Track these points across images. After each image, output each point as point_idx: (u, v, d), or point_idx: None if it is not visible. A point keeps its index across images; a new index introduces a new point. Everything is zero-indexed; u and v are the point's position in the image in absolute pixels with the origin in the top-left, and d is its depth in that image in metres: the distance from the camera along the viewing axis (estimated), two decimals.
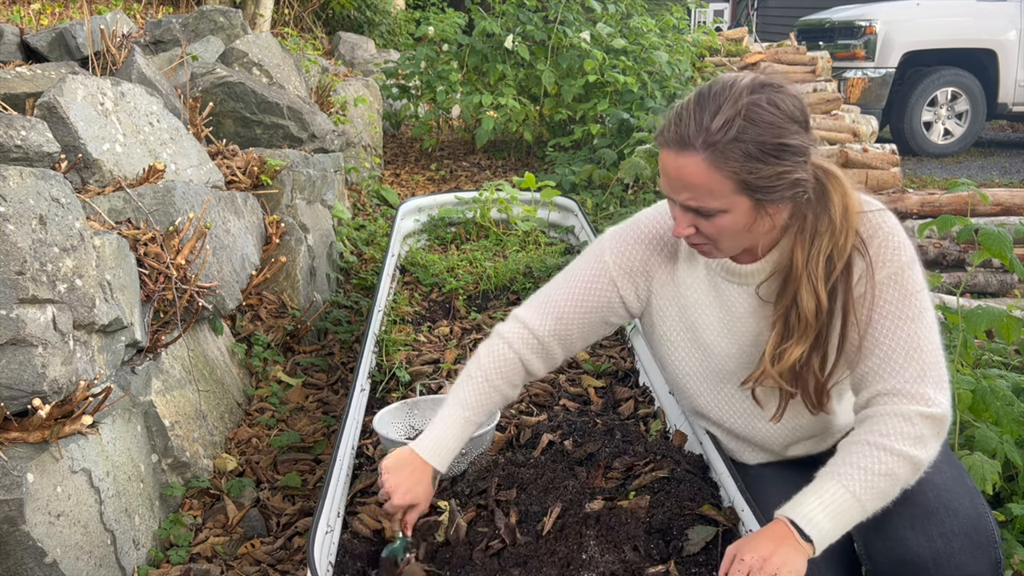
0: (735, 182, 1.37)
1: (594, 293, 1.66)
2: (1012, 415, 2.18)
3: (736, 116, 1.35)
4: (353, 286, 3.99)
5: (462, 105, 6.10)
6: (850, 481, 1.37)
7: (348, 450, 2.04)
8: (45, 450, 1.80)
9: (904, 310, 1.44)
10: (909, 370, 1.42)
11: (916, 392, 1.41)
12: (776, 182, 1.38)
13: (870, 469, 1.37)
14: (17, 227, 1.80)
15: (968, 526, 1.45)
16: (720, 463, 1.81)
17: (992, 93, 7.96)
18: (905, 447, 1.38)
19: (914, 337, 1.43)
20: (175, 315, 2.45)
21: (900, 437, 1.38)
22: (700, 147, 1.36)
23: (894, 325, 1.44)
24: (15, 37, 3.75)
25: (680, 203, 1.43)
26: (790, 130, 1.37)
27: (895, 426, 1.39)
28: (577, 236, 3.76)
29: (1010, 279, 4.32)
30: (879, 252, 1.45)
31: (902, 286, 1.44)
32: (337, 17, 9.08)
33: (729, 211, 1.40)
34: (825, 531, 1.35)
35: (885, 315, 1.45)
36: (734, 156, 1.35)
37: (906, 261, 1.46)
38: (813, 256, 1.44)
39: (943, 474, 1.52)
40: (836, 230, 1.43)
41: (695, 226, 1.45)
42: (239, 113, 3.99)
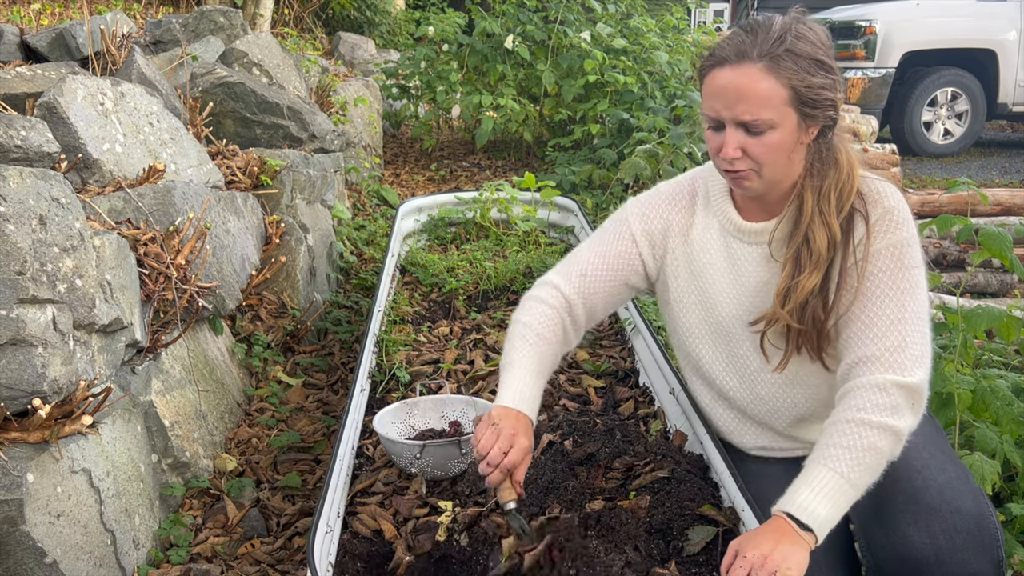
0: (788, 91, 1.45)
1: (616, 250, 1.73)
2: (1012, 415, 2.18)
3: (787, 32, 1.46)
4: (353, 286, 3.99)
5: (462, 105, 6.10)
6: (836, 463, 1.38)
7: (348, 450, 2.04)
8: (45, 450, 1.80)
9: (896, 282, 1.48)
10: (890, 339, 1.45)
11: (892, 360, 1.44)
12: (821, 96, 1.46)
13: (853, 446, 1.39)
14: (17, 227, 1.80)
15: (971, 524, 1.45)
16: (720, 463, 1.81)
17: (992, 93, 7.96)
18: (882, 418, 1.40)
19: (901, 309, 1.47)
20: (175, 315, 2.45)
21: (876, 409, 1.41)
22: (757, 56, 1.44)
23: (883, 295, 1.48)
24: (15, 37, 3.75)
25: (733, 119, 1.47)
26: (825, 51, 1.48)
27: (870, 398, 1.42)
28: (577, 236, 3.76)
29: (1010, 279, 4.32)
30: (880, 221, 1.51)
31: (899, 259, 1.49)
32: (337, 17, 9.08)
33: (778, 126, 1.46)
34: (822, 518, 1.35)
35: (877, 284, 1.49)
36: (788, 65, 1.44)
37: (906, 237, 1.51)
38: (824, 193, 1.51)
39: (946, 472, 1.52)
40: (843, 172, 1.52)
41: (743, 148, 1.49)
42: (239, 113, 3.99)
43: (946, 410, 2.26)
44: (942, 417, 2.28)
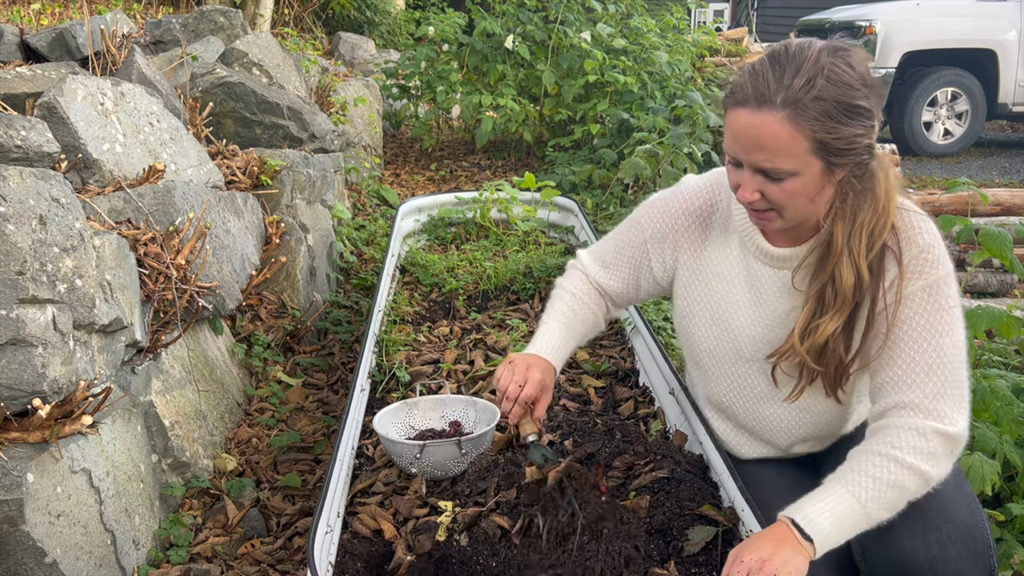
0: (812, 142, 1.34)
1: (631, 252, 1.74)
2: (1012, 415, 2.18)
3: (817, 75, 1.33)
4: (353, 286, 3.99)
5: (462, 105, 6.10)
6: (857, 488, 1.36)
7: (348, 450, 2.04)
8: (45, 450, 1.80)
9: (933, 323, 1.42)
10: (930, 385, 1.40)
11: (933, 408, 1.40)
12: (851, 144, 1.36)
13: (879, 478, 1.36)
14: (17, 227, 1.80)
15: (965, 533, 1.45)
16: (720, 463, 1.81)
17: (992, 93, 7.96)
18: (917, 461, 1.37)
19: (939, 352, 1.41)
20: (175, 315, 2.45)
21: (912, 451, 1.38)
22: (780, 104, 1.33)
23: (920, 337, 1.42)
24: (15, 37, 3.75)
25: (751, 164, 1.40)
26: (863, 93, 1.36)
27: (908, 439, 1.39)
28: (577, 236, 3.76)
29: (1010, 279, 4.32)
30: (914, 261, 1.44)
31: (935, 299, 1.43)
32: (337, 17, 9.08)
33: (800, 174, 1.37)
34: (827, 533, 1.34)
35: (913, 326, 1.43)
36: (814, 115, 1.33)
37: (942, 275, 1.44)
38: (856, 230, 1.42)
39: (943, 481, 1.50)
40: (879, 207, 1.42)
41: (761, 191, 1.41)
42: (239, 113, 3.99)
43: None
44: None
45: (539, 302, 3.18)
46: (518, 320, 2.94)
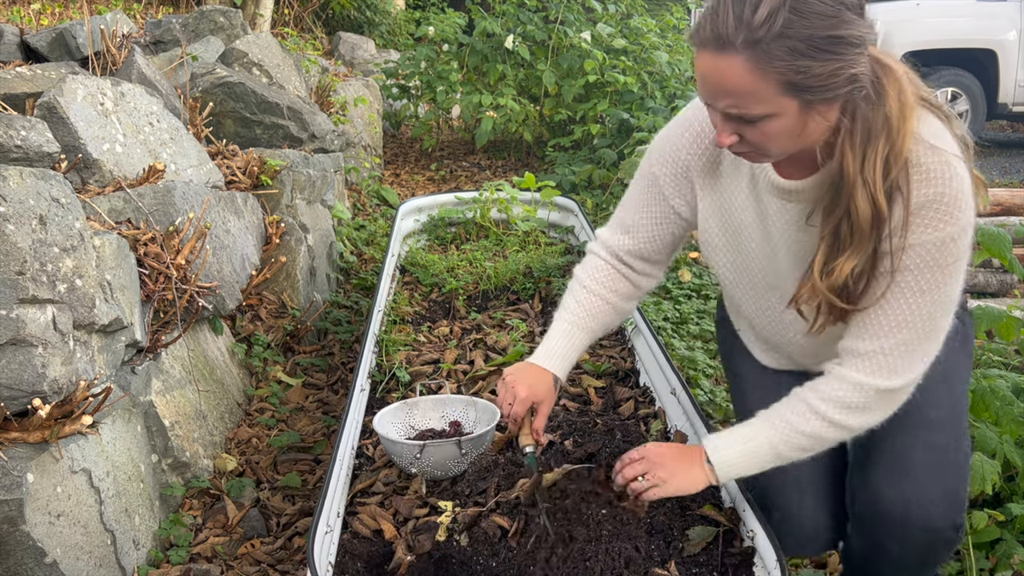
0: (780, 84, 1.21)
1: (651, 205, 1.63)
2: (1012, 415, 2.18)
3: (780, 8, 1.17)
4: (353, 286, 3.99)
5: (462, 105, 6.10)
6: (775, 433, 1.43)
7: (348, 450, 2.04)
8: (45, 450, 1.80)
9: (922, 280, 1.33)
10: (892, 339, 1.36)
11: (886, 364, 1.37)
12: (829, 80, 1.21)
13: (798, 428, 1.42)
14: (17, 227, 1.80)
15: (945, 492, 1.48)
16: None
17: (992, 93, 7.95)
18: (840, 416, 1.40)
19: (915, 309, 1.34)
20: (175, 315, 2.45)
21: (840, 406, 1.40)
22: (741, 46, 1.19)
23: (901, 291, 1.34)
24: (15, 37, 3.75)
25: (721, 110, 1.28)
26: (844, 18, 1.19)
27: (843, 393, 1.40)
28: (577, 236, 3.76)
29: (1010, 279, 4.32)
30: (924, 211, 1.29)
31: (934, 257, 1.31)
32: (337, 17, 9.08)
33: (776, 116, 1.25)
34: (731, 465, 1.46)
35: (899, 279, 1.34)
36: (779, 55, 1.18)
37: (951, 232, 1.29)
38: (869, 158, 1.27)
39: (944, 432, 1.52)
40: (893, 129, 1.27)
41: (739, 134, 1.30)
42: (239, 113, 3.99)
43: None
44: None
45: (539, 302, 3.18)
46: (518, 320, 2.94)
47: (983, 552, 2.15)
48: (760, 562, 1.58)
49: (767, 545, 1.55)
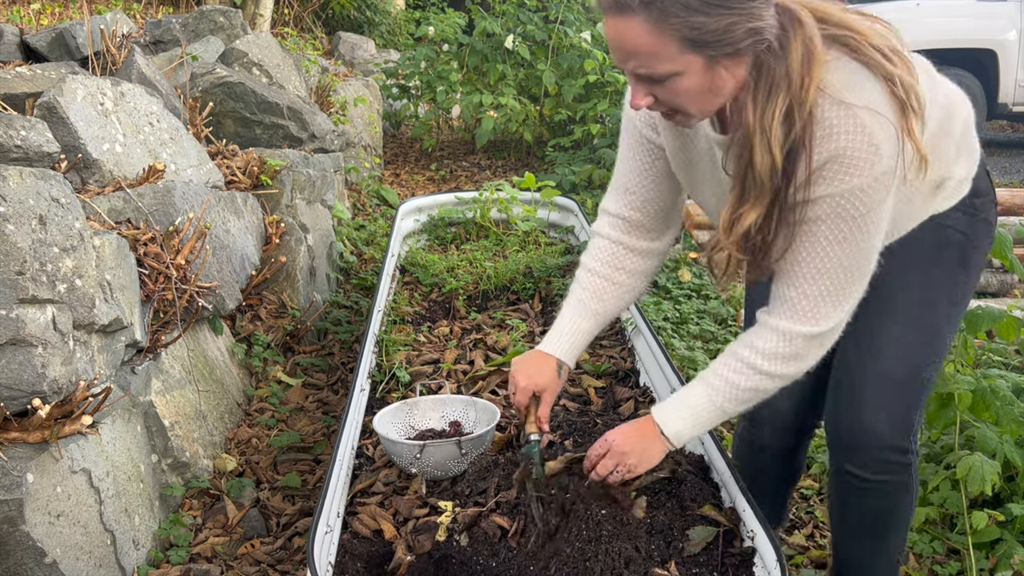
0: (680, 41, 1.23)
1: (640, 156, 1.63)
2: (1012, 415, 2.18)
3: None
4: (353, 286, 3.99)
5: (462, 105, 6.10)
6: (715, 393, 1.50)
7: (348, 450, 2.04)
8: (45, 450, 1.80)
9: (833, 231, 1.35)
10: (812, 287, 1.40)
11: (809, 309, 1.41)
12: (726, 35, 1.23)
13: (738, 384, 1.48)
14: (17, 227, 1.80)
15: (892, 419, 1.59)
16: (722, 463, 1.81)
17: (992, 93, 7.95)
18: (773, 367, 1.46)
19: (829, 259, 1.37)
20: (175, 315, 2.45)
21: (773, 357, 1.45)
22: (638, 7, 1.22)
23: (814, 241, 1.37)
24: (15, 37, 3.75)
25: (630, 72, 1.31)
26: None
27: (773, 344, 1.45)
28: (577, 236, 3.76)
29: (1010, 279, 4.32)
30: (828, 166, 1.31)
31: (843, 207, 1.33)
32: (337, 17, 9.08)
33: (682, 73, 1.27)
34: (681, 431, 1.55)
35: (811, 230, 1.37)
36: (674, 11, 1.21)
37: (855, 185, 1.31)
38: (769, 111, 1.29)
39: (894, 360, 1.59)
40: (794, 83, 1.27)
41: (652, 95, 1.33)
42: (239, 113, 3.99)
43: (946, 410, 2.26)
44: (942, 417, 2.28)
45: (539, 302, 3.18)
46: (518, 320, 2.93)
47: (983, 552, 2.15)
48: (760, 562, 1.58)
49: (767, 545, 1.55)
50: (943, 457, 2.36)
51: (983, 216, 1.62)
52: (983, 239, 1.63)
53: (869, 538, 1.72)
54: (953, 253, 1.60)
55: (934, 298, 1.60)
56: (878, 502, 1.66)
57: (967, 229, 1.60)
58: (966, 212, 1.59)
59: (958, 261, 1.61)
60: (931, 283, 1.59)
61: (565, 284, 3.17)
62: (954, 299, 1.63)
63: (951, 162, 1.54)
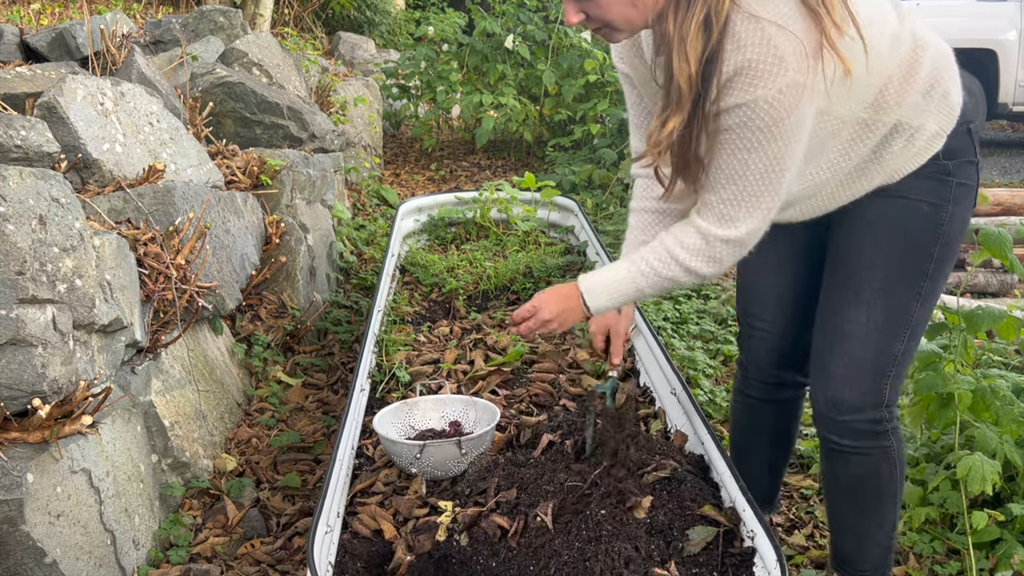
0: None
1: (630, 94, 1.73)
2: (1012, 415, 2.18)
3: None
4: (353, 286, 3.99)
5: (462, 105, 6.10)
6: (639, 277, 1.60)
7: (348, 450, 2.04)
8: (45, 450, 1.80)
9: (743, 140, 1.42)
10: (727, 191, 1.48)
11: (725, 212, 1.49)
12: None
13: (659, 272, 1.58)
14: (17, 227, 1.80)
15: (862, 394, 1.65)
16: (722, 463, 1.81)
17: (992, 93, 7.95)
18: (695, 263, 1.54)
19: (743, 165, 1.44)
20: (175, 315, 2.45)
21: (695, 253, 1.54)
22: None
23: (728, 148, 1.44)
24: (15, 37, 3.75)
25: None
26: None
27: (695, 242, 1.54)
28: (577, 236, 3.76)
29: (1010, 279, 4.32)
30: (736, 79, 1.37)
31: (750, 118, 1.39)
32: (337, 17, 9.08)
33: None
34: (601, 303, 1.66)
35: (724, 140, 1.44)
36: None
37: (763, 95, 1.36)
38: (687, 20, 1.35)
39: (860, 342, 1.64)
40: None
41: (584, 12, 1.43)
42: (239, 113, 3.99)
43: (946, 410, 2.26)
44: (942, 417, 2.28)
45: None
46: None
47: (983, 552, 2.15)
48: (760, 562, 1.58)
49: (767, 545, 1.55)
50: (943, 457, 2.36)
51: (957, 180, 1.60)
52: (960, 204, 1.62)
53: (858, 505, 1.76)
54: (921, 228, 1.60)
55: (900, 279, 1.62)
56: (860, 468, 1.72)
57: (937, 198, 1.59)
58: (935, 177, 1.58)
59: (929, 236, 1.61)
60: (897, 264, 1.60)
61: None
62: (925, 273, 1.63)
63: (916, 108, 1.53)
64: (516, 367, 2.61)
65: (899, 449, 1.73)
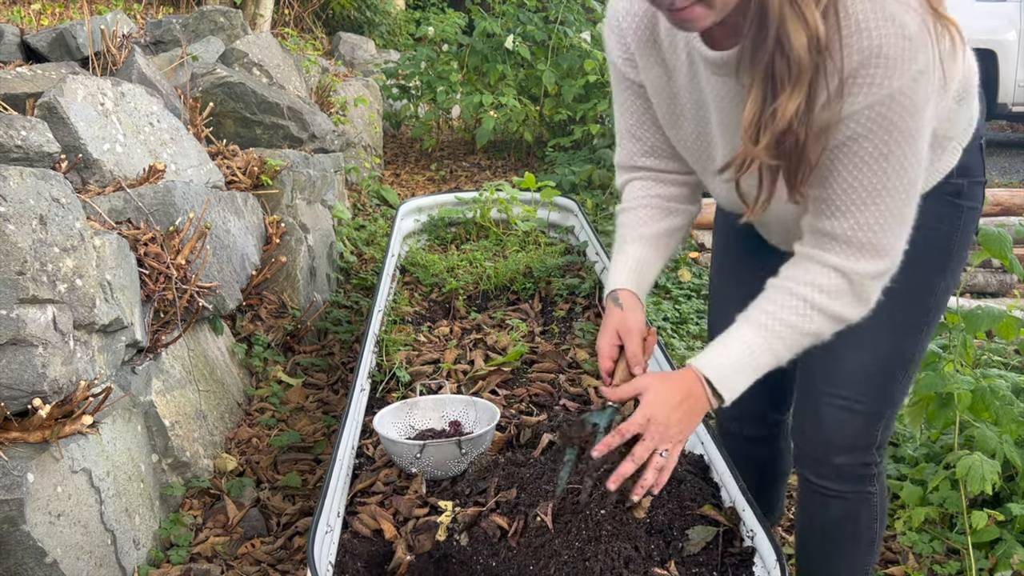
0: None
1: (628, 99, 1.51)
2: (1012, 415, 2.19)
3: None
4: (353, 286, 3.99)
5: (462, 105, 6.10)
6: (776, 341, 1.31)
7: (348, 450, 2.04)
8: (45, 450, 1.80)
9: (879, 145, 1.19)
10: (867, 214, 1.24)
11: (867, 241, 1.25)
12: None
13: (800, 328, 1.30)
14: (17, 227, 1.81)
15: (849, 440, 1.58)
16: (721, 463, 1.81)
17: (992, 93, 7.95)
18: (841, 309, 1.29)
19: (883, 176, 1.21)
20: (175, 315, 2.45)
21: (839, 297, 1.28)
22: None
23: (861, 161, 1.21)
24: (15, 37, 3.75)
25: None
26: None
27: (836, 285, 1.28)
28: (577, 236, 3.76)
29: (1010, 279, 4.32)
30: (861, 71, 1.16)
31: (884, 116, 1.17)
32: (337, 17, 9.08)
33: None
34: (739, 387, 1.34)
35: (854, 148, 1.21)
36: None
37: (898, 87, 1.15)
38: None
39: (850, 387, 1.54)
40: None
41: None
42: (239, 113, 3.99)
43: (946, 410, 2.26)
44: (942, 417, 2.28)
45: (539, 302, 3.18)
46: (518, 320, 2.94)
47: (983, 552, 2.16)
48: (760, 562, 1.58)
49: (767, 545, 1.55)
50: (943, 457, 2.36)
51: (968, 204, 1.48)
52: (967, 229, 1.50)
53: (827, 551, 1.70)
54: (931, 260, 1.47)
55: (901, 318, 1.48)
56: (838, 512, 1.64)
57: (948, 224, 1.47)
58: (946, 200, 1.45)
59: (936, 267, 1.49)
60: (902, 303, 1.42)
61: (565, 284, 3.17)
62: (928, 308, 1.52)
63: (951, 117, 1.37)
64: (516, 367, 2.61)
65: (881, 495, 1.64)
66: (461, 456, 1.92)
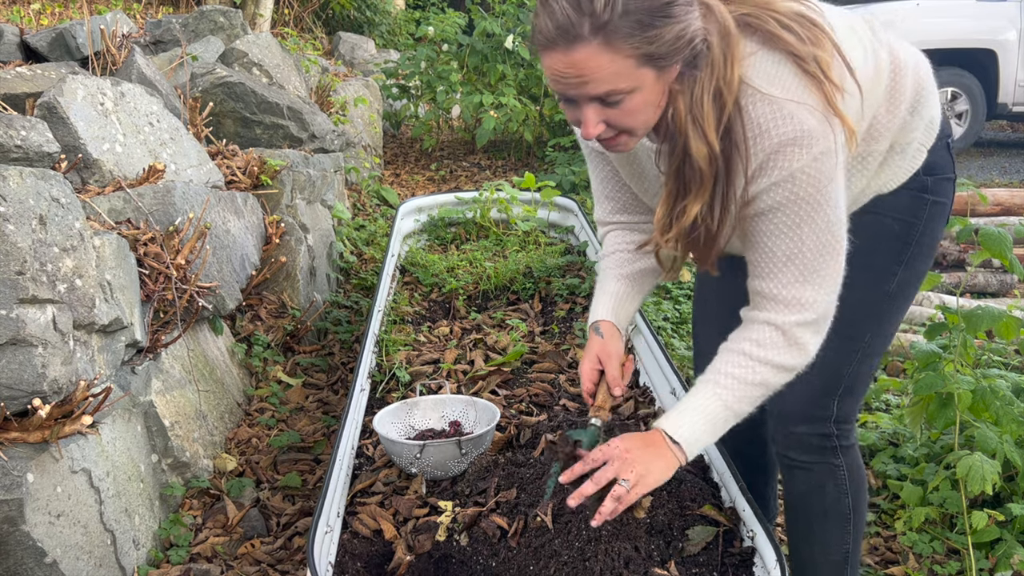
0: (637, 57, 1.23)
1: (599, 166, 1.67)
2: (1012, 415, 2.19)
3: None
4: (353, 286, 3.99)
5: (462, 105, 6.10)
6: (724, 392, 1.43)
7: (348, 450, 2.04)
8: (45, 450, 1.80)
9: (790, 216, 1.34)
10: (787, 274, 1.38)
11: (792, 297, 1.39)
12: (677, 43, 1.24)
13: (744, 379, 1.42)
14: (17, 227, 1.80)
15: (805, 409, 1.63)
16: (721, 463, 1.81)
17: (992, 93, 7.95)
18: (778, 357, 1.42)
19: (797, 243, 1.36)
20: (175, 315, 2.45)
21: (775, 347, 1.41)
22: (590, 34, 1.21)
23: (777, 230, 1.36)
24: (15, 37, 3.75)
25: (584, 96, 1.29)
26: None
27: (770, 337, 1.41)
28: (577, 236, 3.76)
29: (1010, 279, 4.32)
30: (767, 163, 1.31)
31: (791, 191, 1.32)
32: (337, 17, 9.08)
33: (638, 89, 1.27)
34: (695, 439, 1.45)
35: (768, 220, 1.36)
36: (627, 32, 1.21)
37: (799, 166, 1.30)
38: (697, 97, 1.29)
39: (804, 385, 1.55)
40: (716, 66, 1.28)
41: (605, 121, 1.31)
42: (239, 113, 3.99)
43: (946, 410, 2.26)
44: (942, 417, 2.28)
45: (539, 302, 3.18)
46: (518, 320, 2.94)
47: (983, 552, 2.15)
48: (760, 562, 1.58)
49: (767, 545, 1.55)
50: (943, 457, 2.36)
51: (934, 198, 1.57)
52: (933, 222, 1.59)
53: (799, 525, 1.73)
54: (887, 247, 1.57)
55: (857, 302, 1.53)
56: (803, 485, 1.68)
57: (911, 216, 1.57)
58: (912, 194, 1.55)
59: (894, 256, 1.58)
60: (855, 286, 1.49)
61: (565, 284, 3.17)
62: (887, 294, 1.60)
63: (905, 127, 1.49)
64: (516, 367, 2.61)
65: (853, 471, 1.66)
66: (461, 456, 1.92)
